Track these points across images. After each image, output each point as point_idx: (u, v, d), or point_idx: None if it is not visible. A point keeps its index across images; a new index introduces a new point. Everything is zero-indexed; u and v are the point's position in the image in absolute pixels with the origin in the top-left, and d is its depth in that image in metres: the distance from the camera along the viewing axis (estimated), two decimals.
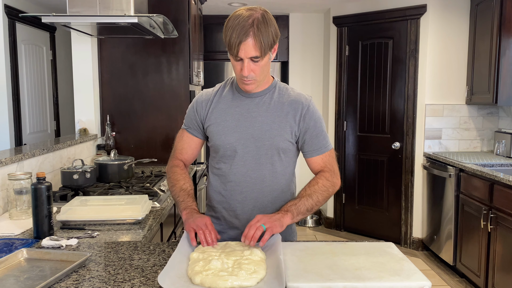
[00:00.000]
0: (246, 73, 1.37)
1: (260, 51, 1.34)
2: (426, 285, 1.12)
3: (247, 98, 1.50)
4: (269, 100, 1.50)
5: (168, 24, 2.63)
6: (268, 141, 1.47)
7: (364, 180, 4.49)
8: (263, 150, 1.48)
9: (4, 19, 3.96)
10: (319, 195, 1.46)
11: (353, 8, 4.40)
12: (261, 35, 1.34)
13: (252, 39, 1.33)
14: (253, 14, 1.36)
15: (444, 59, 3.91)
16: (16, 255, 1.31)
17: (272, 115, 1.48)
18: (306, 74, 5.07)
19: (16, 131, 4.18)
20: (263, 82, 1.49)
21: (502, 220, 2.80)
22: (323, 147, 1.52)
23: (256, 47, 1.34)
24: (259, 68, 1.39)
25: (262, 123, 1.47)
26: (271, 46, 1.39)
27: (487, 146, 4.01)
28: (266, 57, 1.39)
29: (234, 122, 1.48)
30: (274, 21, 1.41)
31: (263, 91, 1.50)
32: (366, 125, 4.42)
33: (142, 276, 1.20)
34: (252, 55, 1.35)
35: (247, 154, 1.48)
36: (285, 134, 1.48)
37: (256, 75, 1.40)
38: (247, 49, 1.34)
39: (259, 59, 1.36)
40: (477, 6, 3.71)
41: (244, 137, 1.47)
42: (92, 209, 1.78)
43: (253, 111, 1.48)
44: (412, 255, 3.98)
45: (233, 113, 1.49)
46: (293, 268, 1.20)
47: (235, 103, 1.51)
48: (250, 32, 1.33)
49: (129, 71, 3.28)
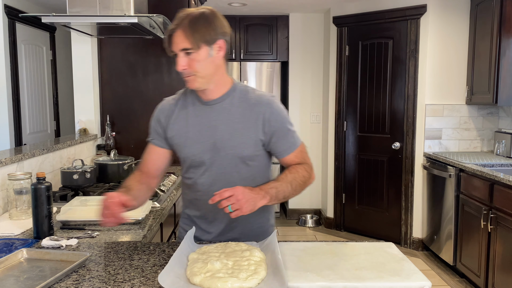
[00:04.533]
0: (179, 67, 1.34)
1: (192, 42, 1.30)
2: (426, 285, 1.12)
3: (207, 106, 1.44)
4: (229, 106, 1.43)
5: (168, 24, 2.62)
6: (231, 151, 1.41)
7: (364, 180, 4.49)
8: (227, 160, 1.42)
9: (4, 19, 3.96)
10: (297, 185, 1.42)
11: (353, 8, 4.40)
12: (193, 27, 1.31)
13: (182, 30, 1.31)
14: (192, 11, 1.34)
15: (444, 59, 3.92)
16: (16, 255, 1.31)
17: (234, 123, 1.41)
18: (306, 74, 5.07)
19: (16, 131, 4.18)
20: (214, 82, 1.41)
21: (502, 220, 2.80)
22: (293, 145, 1.48)
23: (187, 38, 1.30)
24: (195, 62, 1.33)
25: (224, 132, 1.41)
26: (208, 40, 1.33)
27: (487, 146, 4.01)
28: (202, 51, 1.32)
29: (195, 133, 1.43)
30: (221, 19, 1.38)
31: (222, 97, 1.43)
32: (366, 125, 4.42)
33: (142, 276, 1.20)
34: (183, 47, 1.31)
35: (212, 164, 1.44)
36: (249, 142, 1.41)
37: (194, 70, 1.34)
38: (177, 40, 1.32)
39: (191, 51, 1.31)
40: (477, 6, 3.71)
41: (207, 147, 1.42)
42: (92, 209, 1.78)
43: (214, 120, 1.42)
44: (412, 255, 3.98)
45: (194, 123, 1.44)
46: (293, 268, 1.20)
47: (195, 113, 1.45)
48: (181, 24, 1.32)
49: (129, 71, 3.28)
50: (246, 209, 1.25)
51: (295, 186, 1.42)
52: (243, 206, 1.24)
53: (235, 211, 1.24)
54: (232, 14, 4.98)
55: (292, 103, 5.09)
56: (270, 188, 1.35)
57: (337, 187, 4.70)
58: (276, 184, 1.38)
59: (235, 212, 1.24)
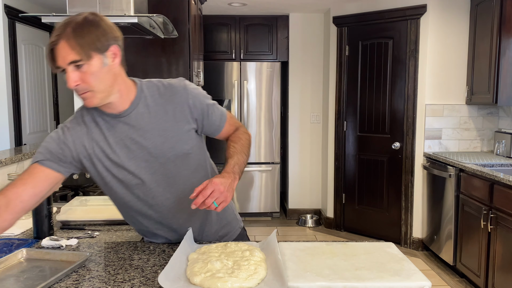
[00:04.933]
0: (71, 83, 1.15)
1: (80, 52, 1.13)
2: (426, 285, 1.12)
3: (120, 119, 1.27)
4: (146, 109, 1.29)
5: (168, 24, 2.62)
6: (170, 153, 1.31)
7: (364, 180, 4.49)
8: (169, 163, 1.32)
9: (4, 19, 3.96)
10: (247, 151, 1.40)
11: (353, 8, 4.40)
12: (79, 34, 1.14)
13: (65, 40, 1.13)
14: (73, 18, 1.18)
15: (444, 59, 3.91)
16: (16, 255, 1.31)
17: (160, 124, 1.29)
18: (306, 74, 5.07)
19: (16, 131, 4.18)
20: (117, 93, 1.25)
21: (502, 220, 2.80)
22: (223, 118, 1.41)
23: (73, 48, 1.13)
24: (88, 75, 1.15)
25: (154, 137, 1.29)
26: (100, 47, 1.16)
27: (487, 146, 4.01)
28: (94, 61, 1.16)
29: (123, 149, 1.28)
30: (108, 23, 1.21)
31: (133, 103, 1.28)
32: (366, 125, 4.42)
33: (142, 276, 1.20)
34: (71, 59, 1.13)
35: (155, 175, 1.32)
36: (184, 136, 1.33)
37: (89, 85, 1.17)
38: (62, 53, 1.13)
39: (81, 62, 1.14)
40: (477, 6, 3.71)
41: (142, 161, 1.30)
42: (92, 209, 1.78)
43: (137, 130, 1.28)
44: (412, 255, 3.98)
45: (116, 141, 1.28)
46: (293, 268, 1.20)
47: (112, 130, 1.28)
48: (63, 34, 1.13)
49: (129, 71, 3.26)
50: (230, 197, 1.22)
51: (245, 152, 1.39)
52: (227, 196, 1.20)
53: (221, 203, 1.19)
54: (232, 14, 4.98)
55: (292, 103, 5.09)
56: (233, 167, 1.30)
57: (337, 187, 4.70)
58: (235, 160, 1.33)
59: (221, 204, 1.19)
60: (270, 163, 5.14)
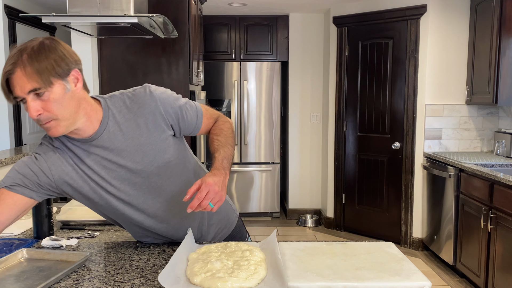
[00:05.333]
0: (33, 113, 1.07)
1: (39, 80, 1.05)
2: (426, 285, 1.12)
3: (92, 141, 1.21)
4: (116, 127, 1.23)
5: (168, 24, 2.63)
6: (152, 166, 1.27)
7: (364, 180, 4.49)
8: (153, 176, 1.28)
9: (4, 19, 3.96)
10: (231, 141, 1.37)
11: (353, 8, 4.40)
12: (37, 61, 1.05)
13: (22, 68, 1.04)
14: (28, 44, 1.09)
15: (444, 59, 3.92)
16: (16, 255, 1.31)
17: (135, 139, 1.24)
18: (306, 74, 5.07)
19: (16, 131, 4.18)
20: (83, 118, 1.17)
21: (502, 220, 2.80)
22: (199, 114, 1.37)
23: (31, 77, 1.05)
24: (51, 103, 1.08)
25: (132, 155, 1.24)
26: (60, 73, 1.08)
27: (487, 146, 4.01)
28: (56, 87, 1.08)
29: (103, 170, 1.23)
30: (65, 47, 1.13)
31: (101, 125, 1.21)
32: (366, 125, 4.43)
33: (142, 276, 1.20)
34: (30, 88, 1.05)
35: (140, 190, 1.29)
36: (163, 145, 1.28)
37: (53, 114, 1.09)
38: (20, 82, 1.05)
39: (41, 91, 1.06)
40: (477, 6, 3.71)
41: (125, 178, 1.26)
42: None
43: (112, 151, 1.23)
44: (412, 255, 3.98)
45: (92, 163, 1.22)
46: (293, 268, 1.20)
47: (85, 153, 1.22)
48: (18, 62, 1.05)
49: (129, 71, 3.28)
50: (224, 196, 1.20)
51: (231, 143, 1.36)
52: (222, 195, 1.18)
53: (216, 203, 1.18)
54: (232, 14, 4.98)
55: (292, 103, 5.09)
56: (222, 162, 1.27)
57: (337, 187, 4.70)
58: (222, 154, 1.29)
59: (217, 204, 1.17)
60: (270, 163, 5.14)
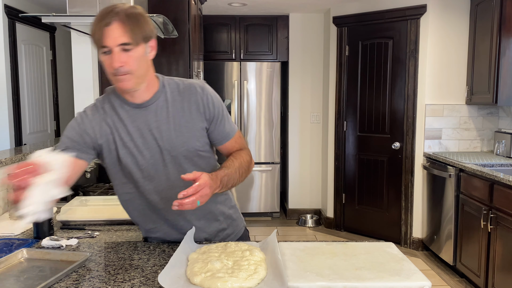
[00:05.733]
0: (116, 63, 1.19)
1: (132, 37, 1.19)
2: (426, 285, 1.12)
3: (141, 109, 1.33)
4: (165, 104, 1.34)
5: (168, 24, 2.63)
6: (182, 147, 1.34)
7: (364, 180, 4.49)
8: (181, 157, 1.35)
9: (4, 19, 3.96)
10: (244, 172, 1.39)
11: (353, 8, 4.40)
12: (130, 21, 1.19)
13: (119, 22, 1.17)
14: (123, 6, 1.23)
15: (444, 59, 3.92)
16: (16, 255, 1.31)
17: (176, 119, 1.34)
18: (306, 74, 5.07)
19: (16, 131, 4.18)
20: (146, 82, 1.31)
21: (502, 220, 2.80)
22: (232, 131, 1.43)
23: (125, 32, 1.18)
24: (132, 59, 1.21)
25: (168, 131, 1.33)
26: (146, 37, 1.24)
27: (487, 146, 4.01)
28: (140, 48, 1.23)
29: (139, 139, 1.32)
30: (149, 19, 1.28)
31: (154, 96, 1.34)
32: (366, 125, 4.43)
33: (142, 276, 1.20)
34: (122, 41, 1.18)
35: (166, 168, 1.35)
36: (197, 133, 1.36)
37: (131, 68, 1.22)
38: (114, 34, 1.17)
39: (130, 46, 1.20)
40: (477, 6, 3.71)
41: (157, 151, 1.33)
42: (92, 209, 1.79)
43: (154, 121, 1.33)
44: (412, 255, 3.98)
45: (133, 130, 1.32)
46: (293, 268, 1.20)
47: (131, 118, 1.33)
48: (116, 16, 1.18)
49: None
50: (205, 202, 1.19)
51: (241, 172, 1.37)
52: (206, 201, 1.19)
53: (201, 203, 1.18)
54: (232, 14, 4.98)
55: (292, 103, 5.09)
56: (223, 176, 1.28)
57: (337, 187, 4.70)
58: (228, 172, 1.31)
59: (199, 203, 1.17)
60: (270, 163, 5.14)
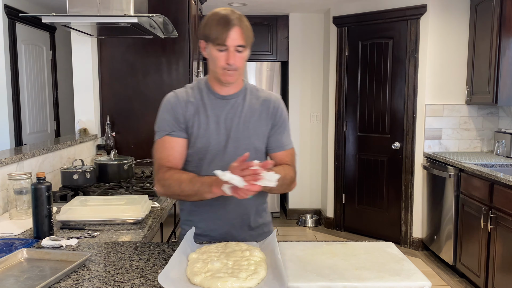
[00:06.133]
0: (231, 61, 1.42)
1: (246, 41, 1.43)
2: (426, 285, 1.12)
3: (223, 100, 1.53)
4: (242, 102, 1.55)
5: (168, 24, 2.63)
6: (245, 141, 1.51)
7: (364, 180, 4.49)
8: (241, 149, 1.48)
9: (4, 19, 3.96)
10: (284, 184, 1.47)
11: (353, 8, 4.40)
12: (247, 27, 1.44)
13: (239, 27, 1.41)
14: (237, 12, 1.46)
15: (444, 59, 3.92)
16: (16, 255, 1.31)
17: (247, 116, 1.53)
18: (306, 74, 5.07)
19: (16, 131, 4.18)
20: (239, 80, 1.53)
21: (502, 220, 2.80)
22: (288, 144, 1.60)
23: (242, 36, 1.42)
24: (241, 59, 1.45)
25: (239, 124, 1.52)
26: (250, 43, 1.47)
27: (487, 146, 4.01)
28: (247, 51, 1.47)
29: (213, 124, 1.51)
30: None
31: (236, 94, 1.55)
32: (366, 125, 4.42)
33: (142, 276, 1.20)
34: (239, 43, 1.41)
35: (226, 155, 1.49)
36: (260, 134, 1.54)
37: (239, 66, 1.45)
38: (235, 37, 1.41)
39: (243, 48, 1.43)
40: (477, 6, 3.71)
41: (224, 138, 1.51)
42: (92, 209, 1.78)
43: (230, 113, 1.52)
44: (412, 255, 3.98)
45: (211, 114, 1.52)
46: (293, 268, 1.20)
47: (212, 105, 1.53)
48: (237, 22, 1.41)
49: (129, 71, 3.28)
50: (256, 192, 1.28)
51: (281, 183, 1.38)
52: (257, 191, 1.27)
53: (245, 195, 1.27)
54: None
55: (292, 103, 5.09)
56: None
57: (337, 187, 4.70)
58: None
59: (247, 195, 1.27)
60: None
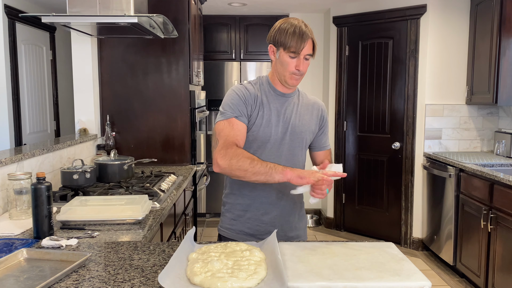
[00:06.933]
0: (301, 67, 1.66)
1: (312, 52, 1.68)
2: (426, 285, 1.12)
3: (283, 97, 1.76)
4: (297, 101, 1.80)
5: (168, 24, 2.63)
6: (299, 135, 1.75)
7: (364, 180, 4.49)
8: (296, 141, 1.75)
9: (4, 19, 3.96)
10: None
11: (353, 8, 4.40)
12: (314, 39, 1.67)
13: (311, 40, 1.65)
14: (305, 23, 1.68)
15: (444, 59, 3.92)
16: (16, 255, 1.31)
17: (301, 113, 1.78)
18: (306, 74, 5.04)
19: (16, 131, 4.18)
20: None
21: (502, 220, 2.80)
22: (327, 146, 1.88)
23: (311, 48, 1.66)
24: (307, 66, 1.70)
25: (295, 118, 1.75)
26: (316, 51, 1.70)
27: (487, 146, 4.01)
28: (310, 60, 1.70)
29: (275, 116, 1.73)
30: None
31: (293, 93, 1.79)
32: (366, 125, 4.42)
33: (142, 276, 1.20)
34: (309, 53, 1.66)
35: (285, 144, 1.73)
36: (310, 130, 1.79)
37: (304, 72, 1.69)
38: (308, 46, 1.64)
39: (309, 57, 1.67)
40: (477, 6, 3.71)
41: (282, 130, 1.73)
42: (92, 209, 1.78)
43: (288, 108, 1.76)
44: (412, 255, 3.98)
45: (273, 108, 1.73)
46: (293, 268, 1.20)
47: (273, 100, 1.75)
48: (311, 35, 1.65)
49: (129, 71, 3.28)
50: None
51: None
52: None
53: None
54: (232, 14, 4.98)
55: None
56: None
57: (337, 187, 4.70)
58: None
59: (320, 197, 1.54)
60: None
